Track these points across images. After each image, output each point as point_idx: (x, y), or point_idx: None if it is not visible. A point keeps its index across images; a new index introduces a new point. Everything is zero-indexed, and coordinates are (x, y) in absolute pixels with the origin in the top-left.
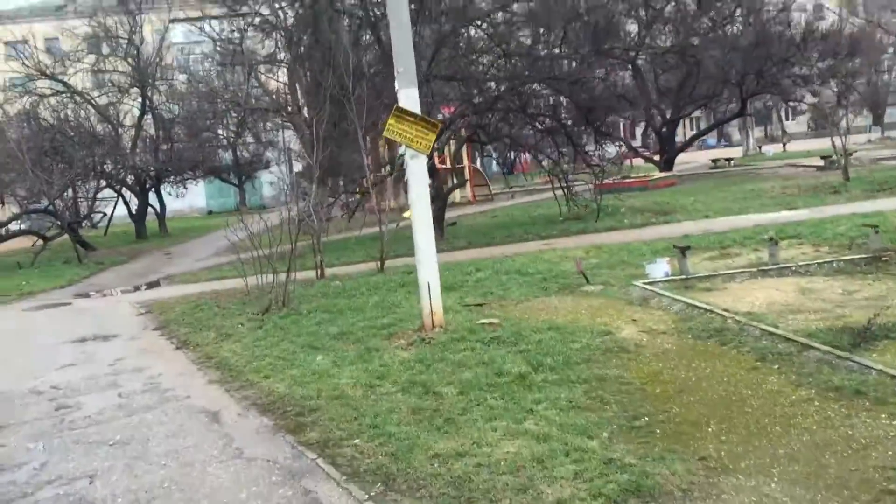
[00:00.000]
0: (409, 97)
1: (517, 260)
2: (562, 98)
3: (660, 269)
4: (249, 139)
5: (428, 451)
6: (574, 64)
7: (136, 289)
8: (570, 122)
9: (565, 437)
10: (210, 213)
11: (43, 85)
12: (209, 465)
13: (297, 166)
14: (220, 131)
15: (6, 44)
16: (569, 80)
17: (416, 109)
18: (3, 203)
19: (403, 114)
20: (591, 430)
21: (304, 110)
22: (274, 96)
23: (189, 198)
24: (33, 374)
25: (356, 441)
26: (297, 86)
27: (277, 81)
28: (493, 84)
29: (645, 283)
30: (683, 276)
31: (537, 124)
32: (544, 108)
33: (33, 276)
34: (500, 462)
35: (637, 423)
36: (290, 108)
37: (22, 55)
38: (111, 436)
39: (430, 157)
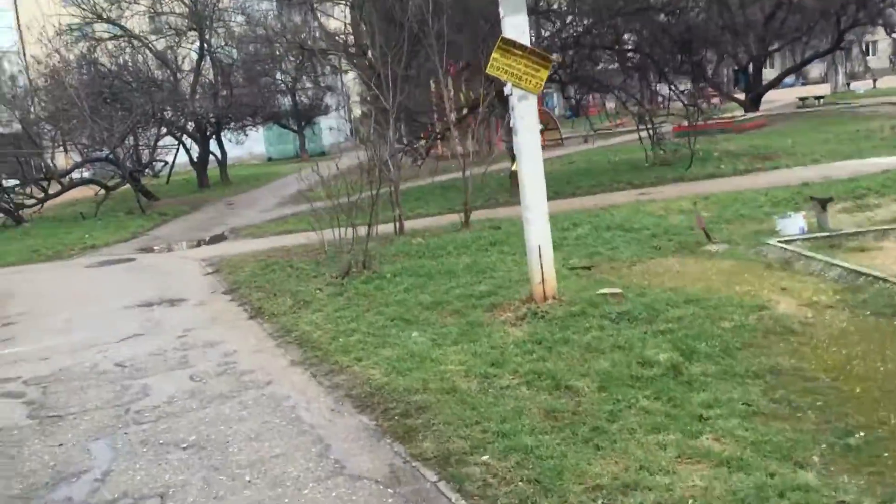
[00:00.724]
0: (516, 26)
1: (616, 213)
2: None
3: (794, 224)
4: (308, 84)
5: (582, 476)
6: None
7: (202, 243)
8: (664, 58)
9: (766, 462)
10: (270, 159)
11: (100, 29)
12: (304, 486)
13: (357, 112)
14: (278, 76)
15: None
16: (665, 11)
17: (525, 40)
18: (66, 151)
19: (510, 46)
20: (796, 452)
21: (370, 51)
22: (337, 38)
23: (248, 144)
24: (96, 346)
25: (485, 457)
26: (363, 24)
27: (343, 21)
28: (576, 17)
29: (780, 242)
30: (826, 234)
31: (627, 62)
32: (639, 41)
33: (96, 228)
34: (689, 502)
35: (851, 440)
36: (353, 49)
37: None
38: (184, 435)
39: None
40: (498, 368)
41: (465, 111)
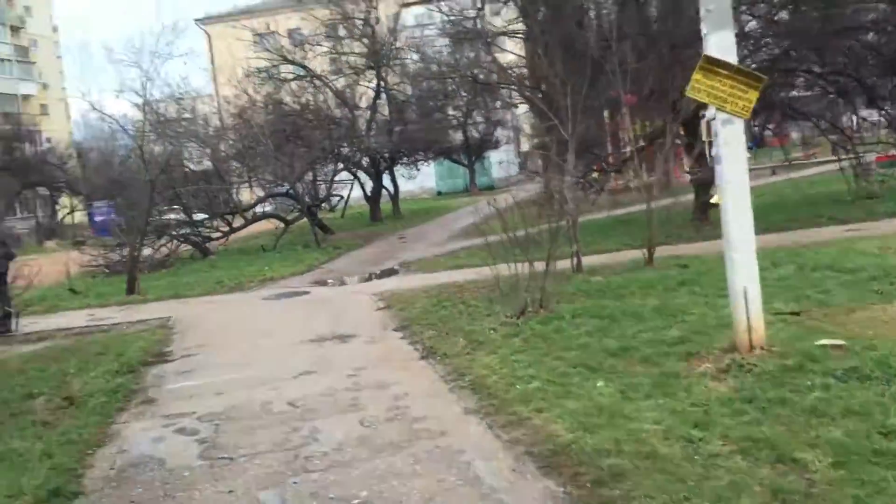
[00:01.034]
0: (721, 44)
1: (823, 251)
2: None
3: None
4: (479, 118)
5: None
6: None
7: (373, 277)
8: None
9: None
10: (440, 193)
11: (285, 70)
12: None
13: (525, 146)
14: (450, 111)
15: (254, 33)
16: (875, 29)
17: (732, 59)
18: (250, 187)
19: (714, 66)
20: None
21: (546, 81)
22: (510, 71)
23: (420, 179)
24: (269, 382)
25: None
26: (536, 56)
27: (516, 54)
28: (772, 39)
29: None
30: None
31: (830, 85)
32: (843, 63)
33: (275, 261)
34: None
35: None
36: (527, 81)
37: (267, 42)
38: (355, 490)
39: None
40: (703, 431)
41: (642, 142)
